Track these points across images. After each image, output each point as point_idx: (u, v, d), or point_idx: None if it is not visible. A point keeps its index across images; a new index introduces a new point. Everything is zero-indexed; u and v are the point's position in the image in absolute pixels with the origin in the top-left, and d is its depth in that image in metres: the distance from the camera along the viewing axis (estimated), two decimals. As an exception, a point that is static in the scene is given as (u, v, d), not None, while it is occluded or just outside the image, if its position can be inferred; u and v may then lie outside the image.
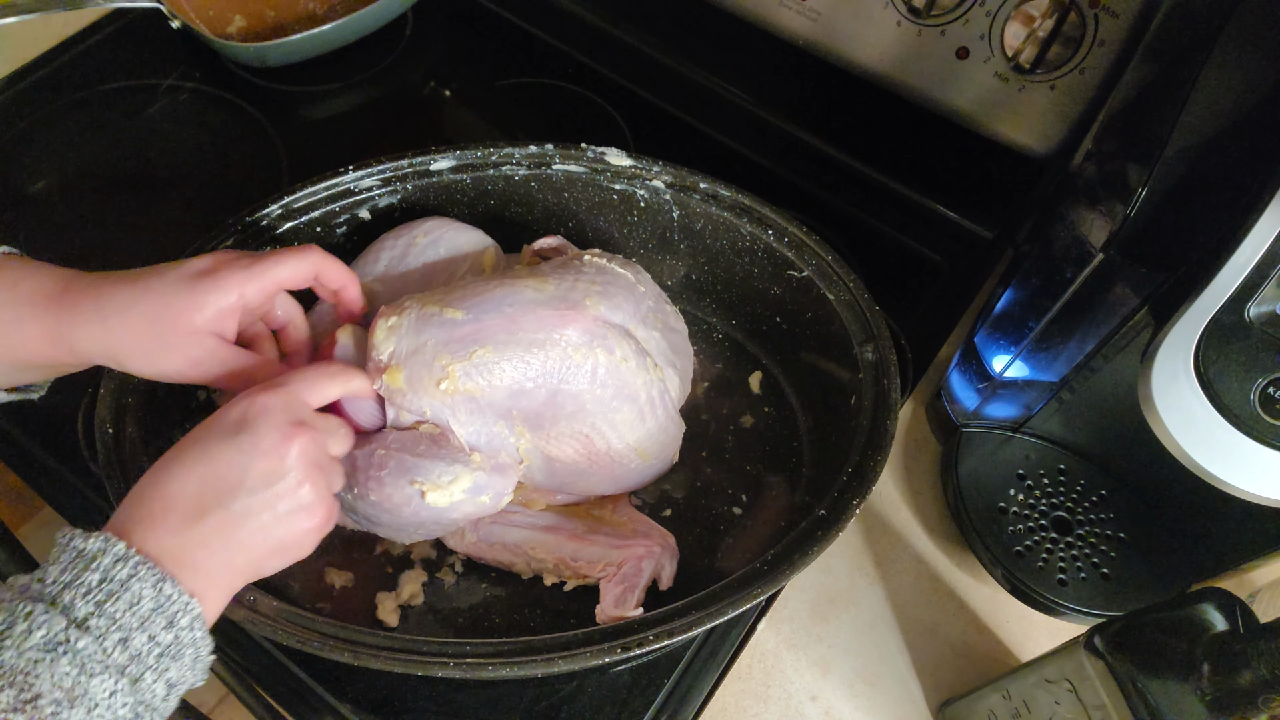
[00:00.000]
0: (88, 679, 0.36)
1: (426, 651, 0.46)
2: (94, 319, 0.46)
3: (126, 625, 0.37)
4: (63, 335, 0.47)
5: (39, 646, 0.35)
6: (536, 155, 0.65)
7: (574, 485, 0.59)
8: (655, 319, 0.59)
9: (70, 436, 0.54)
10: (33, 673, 0.35)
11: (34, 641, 0.35)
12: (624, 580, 0.54)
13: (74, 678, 0.35)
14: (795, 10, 0.75)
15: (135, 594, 0.38)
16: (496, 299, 0.53)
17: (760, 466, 0.64)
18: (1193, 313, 0.47)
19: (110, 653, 0.37)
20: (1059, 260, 0.57)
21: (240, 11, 0.89)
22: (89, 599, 0.37)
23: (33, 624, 0.36)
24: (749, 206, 0.64)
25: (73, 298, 0.46)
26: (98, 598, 0.37)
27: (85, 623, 0.37)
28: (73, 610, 0.37)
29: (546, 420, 0.55)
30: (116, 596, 0.37)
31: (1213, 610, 0.44)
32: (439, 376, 0.52)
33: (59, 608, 0.37)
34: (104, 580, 0.38)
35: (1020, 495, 0.65)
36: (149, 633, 0.38)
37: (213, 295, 0.48)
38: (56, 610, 0.36)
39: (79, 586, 0.37)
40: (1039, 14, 0.64)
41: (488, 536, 0.58)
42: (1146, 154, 0.50)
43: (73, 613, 0.37)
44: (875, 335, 0.59)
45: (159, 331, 0.47)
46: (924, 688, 0.61)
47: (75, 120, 0.83)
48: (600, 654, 0.46)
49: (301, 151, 0.83)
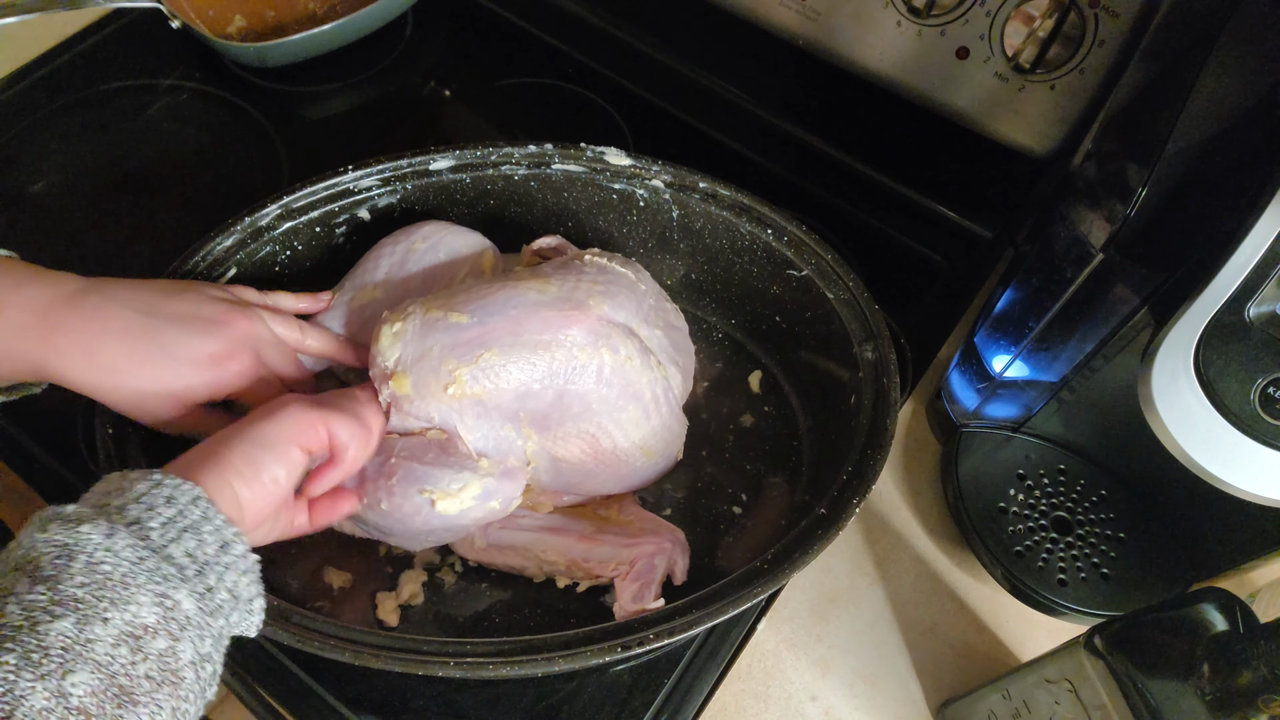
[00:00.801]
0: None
1: (427, 651, 0.46)
2: (82, 365, 0.47)
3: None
4: (48, 372, 0.47)
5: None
6: (536, 155, 0.65)
7: (581, 485, 0.59)
8: (657, 317, 0.59)
9: (70, 436, 0.54)
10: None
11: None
12: (639, 577, 0.54)
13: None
14: (795, 10, 0.75)
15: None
16: (500, 301, 0.53)
17: (760, 465, 0.64)
18: (1193, 313, 0.47)
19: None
20: (1059, 260, 0.57)
21: (240, 11, 0.89)
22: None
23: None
24: (748, 206, 0.64)
25: (62, 340, 0.46)
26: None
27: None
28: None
29: (554, 421, 0.55)
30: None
31: (1213, 610, 0.44)
32: (446, 381, 0.52)
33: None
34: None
35: (1020, 495, 0.65)
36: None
37: (225, 385, 0.50)
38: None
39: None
40: (1039, 14, 0.64)
41: (498, 541, 0.58)
42: (1146, 154, 0.50)
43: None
44: (875, 334, 0.59)
45: (146, 399, 0.48)
46: (924, 688, 0.61)
47: (75, 120, 0.83)
48: (601, 653, 0.46)
49: (301, 151, 0.83)
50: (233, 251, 0.60)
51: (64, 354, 0.46)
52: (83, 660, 0.32)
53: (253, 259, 0.61)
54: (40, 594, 0.33)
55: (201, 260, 0.59)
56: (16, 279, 0.46)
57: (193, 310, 0.50)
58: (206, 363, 0.49)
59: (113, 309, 0.47)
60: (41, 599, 0.33)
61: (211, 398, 0.51)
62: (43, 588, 0.34)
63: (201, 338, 0.49)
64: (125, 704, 0.33)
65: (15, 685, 0.31)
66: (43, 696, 0.31)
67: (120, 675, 0.33)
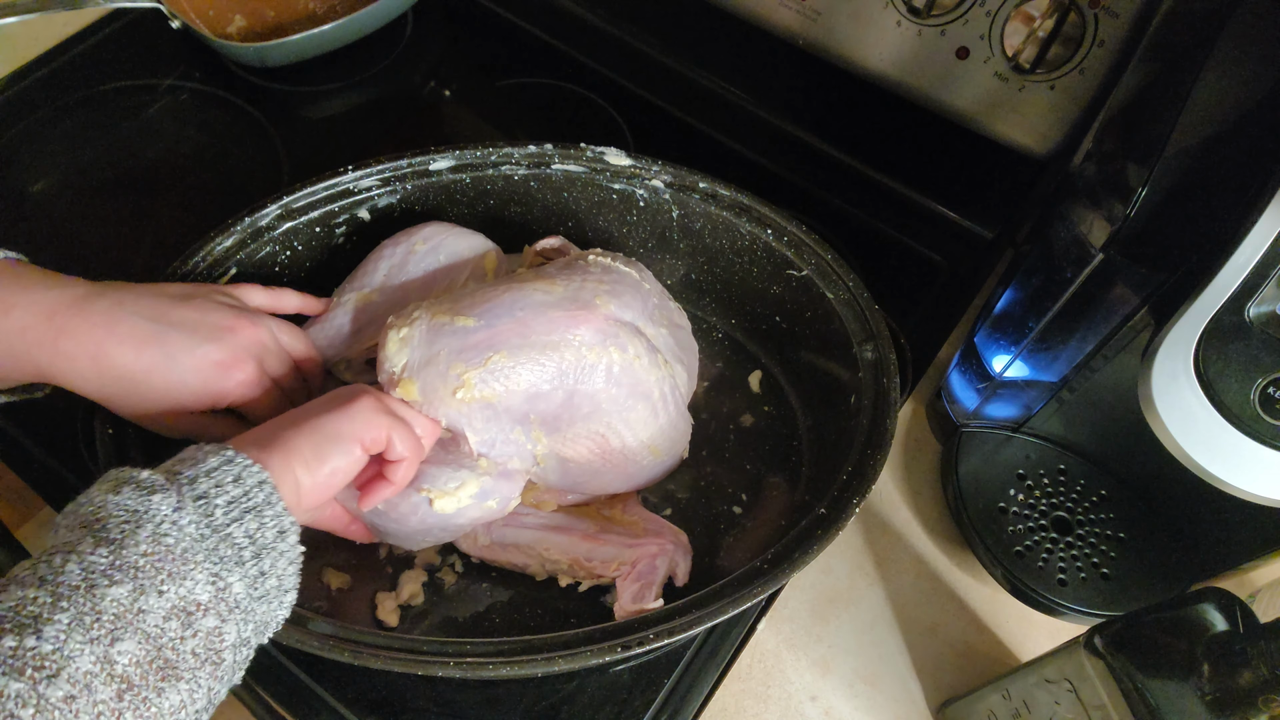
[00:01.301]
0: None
1: (426, 651, 0.46)
2: (88, 370, 0.47)
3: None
4: (53, 376, 0.47)
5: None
6: (536, 155, 0.65)
7: (587, 485, 0.59)
8: (661, 316, 0.60)
9: (70, 437, 0.54)
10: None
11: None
12: (640, 578, 0.54)
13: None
14: (795, 10, 0.75)
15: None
16: (507, 304, 0.53)
17: (760, 465, 0.64)
18: (1193, 313, 0.47)
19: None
20: (1059, 260, 0.57)
21: (240, 11, 0.89)
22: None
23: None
24: (748, 206, 0.64)
25: (68, 344, 0.46)
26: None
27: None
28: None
29: (564, 422, 0.54)
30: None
31: (1213, 610, 0.44)
32: (455, 386, 0.51)
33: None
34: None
35: (1020, 495, 0.65)
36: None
37: (229, 393, 0.50)
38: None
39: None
40: (1039, 14, 0.64)
41: (501, 539, 0.58)
42: (1146, 154, 0.50)
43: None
44: (875, 334, 0.59)
45: (150, 405, 0.48)
46: (924, 688, 0.61)
47: (75, 120, 0.83)
48: (601, 653, 0.46)
49: (301, 151, 0.83)
50: (233, 252, 0.60)
51: (70, 358, 0.46)
52: (132, 630, 0.33)
53: (253, 259, 0.61)
54: (102, 556, 0.34)
55: (201, 260, 0.59)
56: (24, 281, 0.46)
57: (200, 317, 0.49)
58: (212, 370, 0.49)
59: (120, 314, 0.47)
60: (102, 562, 0.34)
61: (214, 405, 0.51)
62: (105, 550, 0.34)
63: (208, 345, 0.49)
64: (169, 677, 0.34)
65: (65, 645, 0.31)
66: (90, 660, 0.32)
67: (167, 649, 0.34)
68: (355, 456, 0.46)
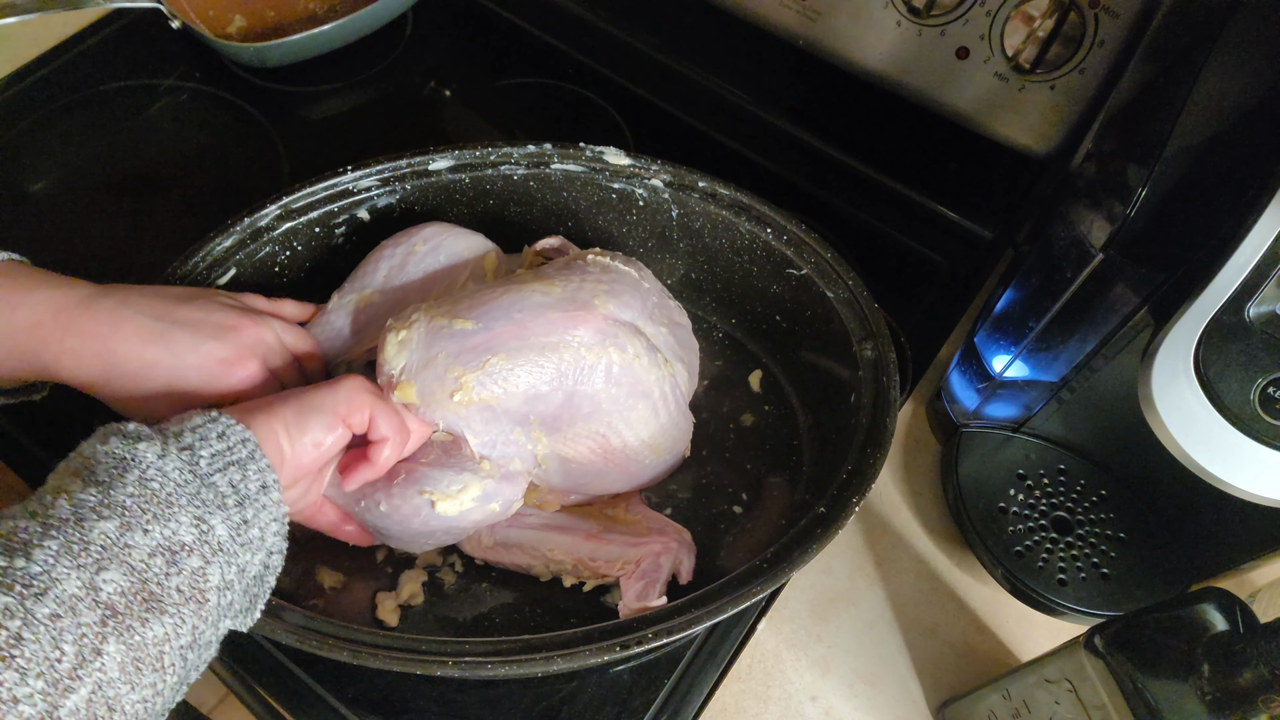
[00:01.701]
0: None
1: (425, 650, 0.46)
2: (93, 367, 0.47)
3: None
4: (57, 373, 0.47)
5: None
6: (535, 155, 0.65)
7: (589, 485, 0.59)
8: (661, 314, 0.59)
9: (70, 436, 0.54)
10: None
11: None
12: (644, 576, 0.54)
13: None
14: (795, 10, 0.75)
15: None
16: (505, 305, 0.53)
17: (760, 465, 0.64)
18: (1193, 313, 0.47)
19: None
20: (1059, 260, 0.57)
21: (240, 11, 0.89)
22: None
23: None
24: (748, 205, 0.64)
25: (73, 342, 0.46)
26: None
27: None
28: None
29: (564, 423, 0.54)
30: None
31: (1213, 610, 0.44)
32: (452, 388, 0.51)
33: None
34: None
35: (1020, 495, 0.65)
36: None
37: (231, 391, 0.50)
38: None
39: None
40: (1039, 14, 0.64)
41: (505, 540, 0.58)
42: (1146, 154, 0.50)
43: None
44: (874, 333, 0.59)
45: (152, 403, 0.48)
46: (924, 688, 0.61)
47: (75, 120, 0.83)
48: (599, 652, 0.46)
49: (301, 151, 0.83)
50: (232, 252, 0.60)
51: (76, 355, 0.46)
52: (118, 561, 0.35)
53: (252, 259, 0.61)
54: (91, 495, 0.36)
55: (201, 260, 0.59)
56: (30, 282, 0.47)
57: (204, 316, 0.50)
58: (215, 368, 0.49)
59: (125, 313, 0.48)
60: (91, 499, 0.36)
61: (218, 402, 0.50)
62: (94, 490, 0.36)
63: (211, 342, 0.49)
64: (153, 609, 0.35)
65: (54, 568, 0.33)
66: (76, 584, 0.33)
67: (152, 583, 0.35)
68: (337, 432, 0.47)
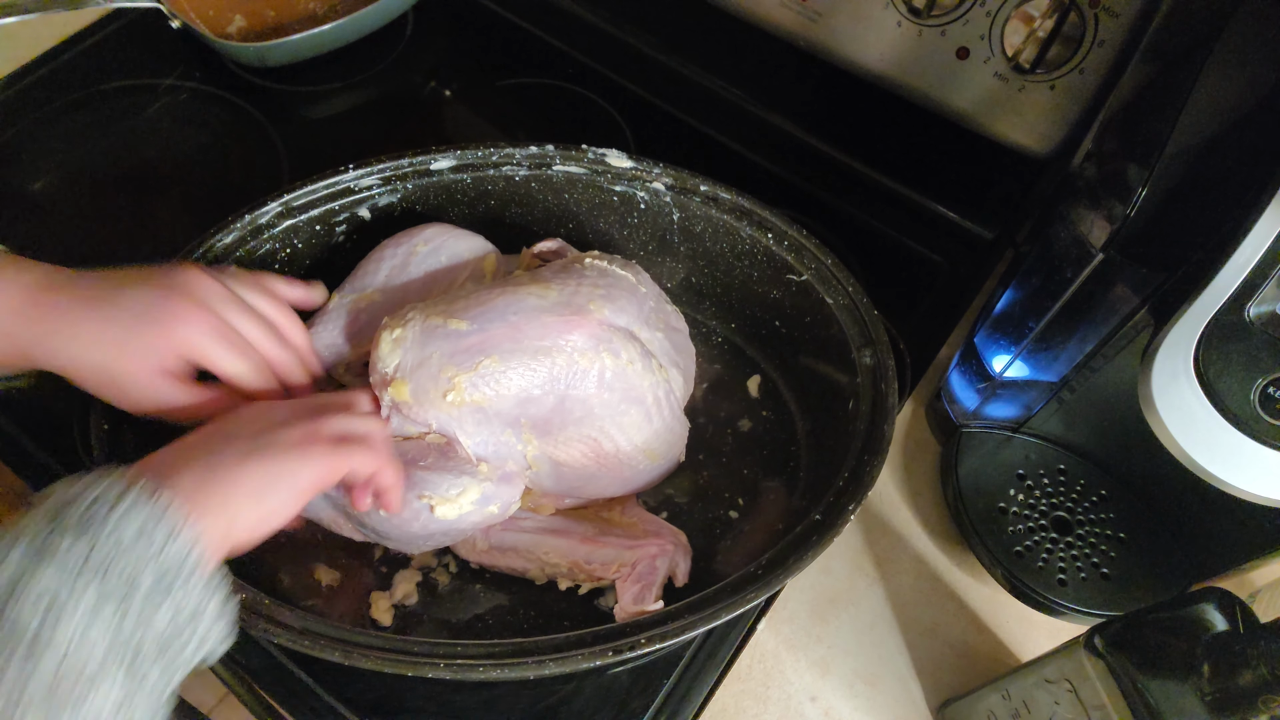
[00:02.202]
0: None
1: (417, 652, 0.46)
2: (70, 346, 0.47)
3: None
4: (36, 356, 0.47)
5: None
6: (537, 156, 0.65)
7: (583, 489, 0.59)
8: (657, 319, 0.59)
9: (70, 436, 0.54)
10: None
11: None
12: (640, 579, 0.54)
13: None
14: (795, 10, 0.75)
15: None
16: (500, 307, 0.53)
17: (758, 470, 0.64)
18: (1193, 313, 0.47)
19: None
20: (1059, 260, 0.57)
21: (240, 11, 0.89)
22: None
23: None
24: (749, 209, 0.64)
25: (51, 322, 0.47)
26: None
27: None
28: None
29: (555, 426, 0.54)
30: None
31: (1213, 610, 0.44)
32: (445, 389, 0.52)
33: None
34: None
35: (1020, 495, 0.65)
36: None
37: (182, 339, 0.48)
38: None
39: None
40: (1039, 14, 0.64)
41: (500, 543, 0.58)
42: (1146, 154, 0.50)
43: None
44: (873, 340, 0.59)
45: (121, 376, 0.48)
46: (924, 688, 0.61)
47: (75, 120, 0.83)
48: (592, 656, 0.46)
49: (301, 151, 0.83)
50: (232, 249, 0.60)
51: (53, 334, 0.47)
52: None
53: (252, 257, 0.61)
54: (15, 666, 0.33)
55: (201, 257, 0.59)
56: (7, 271, 0.47)
57: (149, 275, 0.50)
58: (151, 316, 0.48)
59: (96, 288, 0.48)
60: (15, 672, 0.33)
61: (179, 358, 0.49)
62: (20, 658, 0.33)
63: (143, 288, 0.49)
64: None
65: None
66: None
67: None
68: (305, 499, 0.45)
